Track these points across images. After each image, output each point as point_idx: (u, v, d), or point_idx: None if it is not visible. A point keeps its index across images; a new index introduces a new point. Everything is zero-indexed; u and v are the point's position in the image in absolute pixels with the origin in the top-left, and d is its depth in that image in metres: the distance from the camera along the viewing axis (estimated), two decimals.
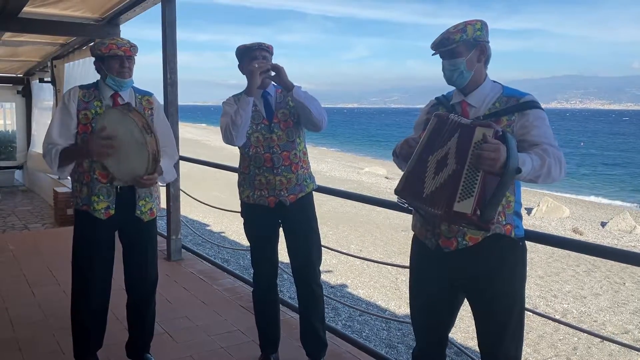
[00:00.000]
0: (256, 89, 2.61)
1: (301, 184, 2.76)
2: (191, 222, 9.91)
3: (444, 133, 1.80)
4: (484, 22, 1.94)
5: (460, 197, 1.72)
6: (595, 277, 8.83)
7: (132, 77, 2.66)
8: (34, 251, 5.46)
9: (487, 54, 1.95)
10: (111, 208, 2.63)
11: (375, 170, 24.16)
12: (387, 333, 5.84)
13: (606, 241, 12.17)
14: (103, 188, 2.60)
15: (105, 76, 2.61)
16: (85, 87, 2.68)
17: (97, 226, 2.63)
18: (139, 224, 2.71)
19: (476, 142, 1.71)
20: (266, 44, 2.71)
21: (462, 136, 1.75)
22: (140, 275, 2.81)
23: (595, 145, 50.64)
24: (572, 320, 6.89)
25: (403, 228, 11.28)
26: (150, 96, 2.80)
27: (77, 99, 2.60)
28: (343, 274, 8.02)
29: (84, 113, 2.59)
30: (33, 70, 9.72)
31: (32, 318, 3.70)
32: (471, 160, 1.71)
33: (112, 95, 2.64)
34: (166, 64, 4.93)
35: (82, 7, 5.52)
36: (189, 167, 5.84)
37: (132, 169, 2.47)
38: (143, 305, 2.86)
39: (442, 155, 1.78)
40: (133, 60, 2.65)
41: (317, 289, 2.88)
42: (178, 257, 5.16)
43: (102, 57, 2.58)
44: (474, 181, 1.71)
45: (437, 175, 1.78)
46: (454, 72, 1.94)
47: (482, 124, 1.73)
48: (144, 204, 2.70)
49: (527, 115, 1.87)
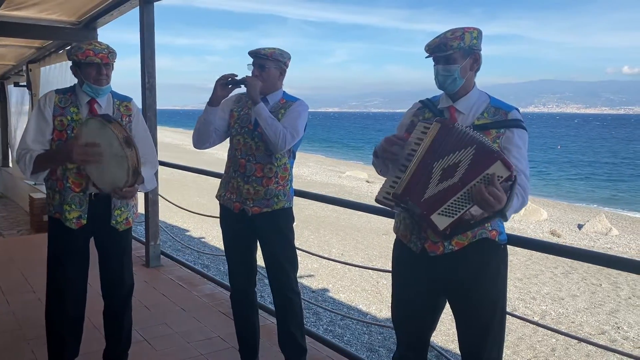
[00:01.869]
0: (217, 99, 2.62)
1: (270, 199, 2.69)
2: (170, 228, 9.81)
3: (453, 141, 1.77)
4: (480, 31, 1.95)
5: (443, 212, 1.75)
6: (573, 279, 8.97)
7: (110, 83, 2.59)
8: (8, 258, 5.34)
9: (479, 63, 1.98)
10: (83, 218, 2.56)
11: (357, 174, 24.22)
12: (368, 337, 5.84)
13: (583, 243, 12.37)
14: (75, 197, 2.53)
15: (82, 82, 2.54)
16: (61, 91, 2.60)
17: (69, 235, 2.57)
18: (114, 233, 2.65)
19: (487, 175, 1.71)
20: (263, 51, 2.66)
21: (479, 157, 1.73)
22: (115, 283, 2.75)
23: (572, 148, 51.52)
24: (551, 321, 6.98)
25: (384, 231, 11.31)
26: (129, 102, 2.73)
27: (53, 104, 2.52)
28: (324, 279, 8.01)
29: (60, 119, 2.52)
30: (8, 74, 9.55)
31: (7, 327, 3.62)
32: (472, 188, 1.72)
33: (89, 101, 2.57)
34: (144, 67, 4.88)
35: (59, 10, 5.44)
36: (169, 172, 5.79)
37: (112, 179, 2.41)
38: (119, 313, 2.81)
39: (451, 164, 1.76)
40: (111, 67, 2.56)
41: (294, 296, 2.86)
42: (157, 264, 5.09)
43: (78, 63, 2.50)
44: (462, 205, 1.74)
45: (441, 183, 1.77)
46: (447, 78, 1.95)
47: (504, 161, 1.71)
48: (119, 213, 2.64)
49: (514, 133, 1.92)
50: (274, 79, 2.71)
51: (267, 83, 2.68)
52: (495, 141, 1.90)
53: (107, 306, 2.81)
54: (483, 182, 1.71)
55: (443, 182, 1.77)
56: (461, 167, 1.75)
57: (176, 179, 16.58)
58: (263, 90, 2.67)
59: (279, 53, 2.68)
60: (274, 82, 2.72)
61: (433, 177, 1.78)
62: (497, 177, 1.70)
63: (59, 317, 2.67)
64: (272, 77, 2.70)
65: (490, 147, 1.75)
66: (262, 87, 2.64)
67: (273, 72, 2.69)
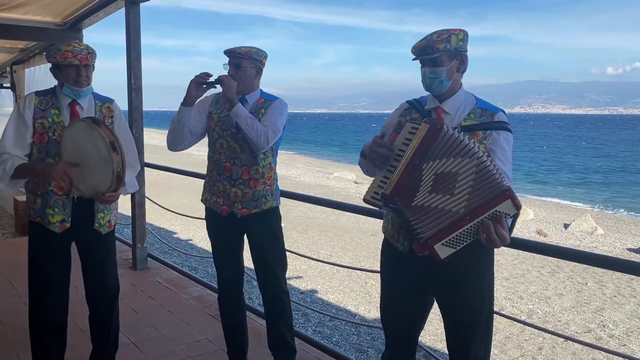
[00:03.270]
0: (191, 99, 2.58)
1: (258, 200, 2.69)
2: (157, 230, 9.74)
3: (444, 144, 1.76)
4: (466, 32, 1.96)
5: (447, 243, 1.76)
6: (559, 278, 9.04)
7: (91, 84, 2.53)
8: None
9: (465, 64, 1.99)
10: (67, 221, 2.52)
11: (345, 175, 24.25)
12: (357, 338, 5.84)
13: (569, 242, 12.49)
14: (58, 200, 2.49)
15: (62, 84, 2.48)
16: (41, 93, 2.54)
17: (51, 239, 2.52)
18: (96, 237, 2.62)
19: (497, 212, 1.72)
20: (239, 50, 2.63)
21: (487, 186, 1.72)
22: (99, 287, 2.71)
23: (557, 148, 52.03)
24: (537, 320, 7.03)
25: (372, 232, 11.33)
26: (111, 103, 2.67)
27: (33, 107, 2.47)
28: (313, 280, 8.00)
29: (40, 122, 2.46)
30: None
31: None
32: (480, 222, 1.73)
33: (70, 103, 2.51)
34: (130, 69, 4.84)
35: (43, 12, 5.39)
36: (155, 173, 5.75)
37: (95, 184, 2.36)
38: (104, 317, 2.77)
39: (445, 171, 1.76)
40: (91, 68, 2.51)
41: (283, 295, 2.85)
42: (144, 266, 5.06)
43: (57, 65, 2.44)
44: (467, 238, 1.76)
45: (437, 193, 1.76)
46: (434, 81, 1.96)
47: (515, 200, 1.73)
48: (102, 216, 2.61)
49: (500, 135, 1.93)
50: (250, 78, 2.68)
51: (243, 83, 2.65)
52: (482, 142, 1.91)
53: (92, 310, 2.77)
54: (491, 219, 1.72)
55: (440, 195, 1.76)
56: (461, 184, 1.74)
57: (163, 180, 16.47)
58: (240, 90, 2.65)
59: (255, 52, 2.65)
60: (250, 82, 2.69)
61: (425, 181, 1.78)
62: (504, 215, 1.72)
63: (42, 321, 2.62)
64: (248, 76, 2.67)
65: (505, 186, 1.73)
66: (238, 86, 2.61)
67: (249, 72, 2.67)
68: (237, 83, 2.59)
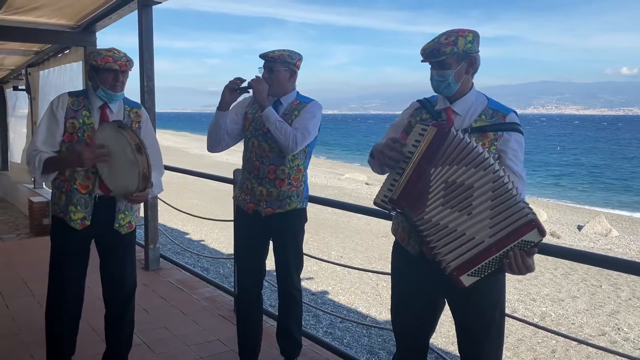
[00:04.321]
0: (225, 104, 2.67)
1: (283, 200, 2.73)
2: (170, 231, 9.80)
3: (452, 150, 1.75)
4: (476, 33, 1.94)
5: (472, 273, 1.74)
6: (573, 280, 8.96)
7: (124, 90, 2.62)
8: (7, 262, 5.34)
9: (475, 66, 1.96)
10: (87, 219, 2.59)
11: (356, 176, 24.22)
12: (368, 339, 5.83)
13: (583, 244, 12.36)
14: (81, 198, 2.57)
15: (97, 87, 2.56)
16: (74, 94, 2.63)
17: (72, 235, 2.60)
18: (116, 236, 2.68)
19: (523, 241, 1.70)
20: (272, 53, 2.68)
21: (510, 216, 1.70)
22: (116, 286, 2.76)
23: (572, 149, 51.54)
24: (551, 323, 6.97)
25: (384, 234, 11.31)
26: (140, 108, 2.77)
27: (66, 107, 2.56)
28: (324, 281, 8.00)
29: (71, 122, 2.55)
30: (7, 78, 9.56)
31: (6, 331, 3.61)
32: (506, 252, 1.71)
33: (101, 106, 2.60)
34: (143, 71, 4.88)
35: (58, 15, 5.45)
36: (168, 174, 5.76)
37: (124, 184, 2.46)
38: (119, 317, 2.81)
39: (457, 181, 1.74)
40: (127, 75, 2.60)
41: (296, 293, 2.95)
42: (156, 267, 5.09)
43: (96, 67, 2.52)
44: (492, 267, 1.74)
45: (453, 210, 1.74)
46: (441, 83, 1.95)
47: (541, 228, 1.71)
48: (123, 217, 2.67)
49: (511, 136, 1.92)
50: (283, 81, 2.73)
51: (277, 85, 2.71)
52: (493, 144, 1.89)
53: (107, 309, 2.81)
54: (517, 248, 1.71)
55: (456, 213, 1.73)
56: (479, 202, 1.72)
57: (176, 181, 16.56)
58: (275, 93, 2.72)
59: (288, 55, 2.70)
60: (283, 84, 2.74)
61: (434, 189, 1.76)
62: (530, 244, 1.71)
63: (58, 314, 2.70)
64: (281, 79, 2.72)
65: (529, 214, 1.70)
66: (272, 89, 2.68)
67: (282, 74, 2.71)
68: (267, 86, 2.65)
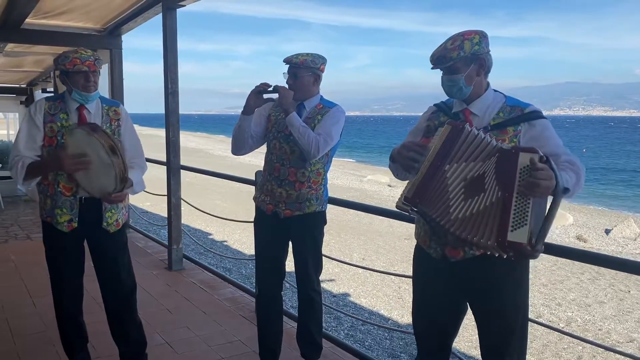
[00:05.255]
0: (250, 108, 2.69)
1: (302, 202, 2.74)
2: (193, 231, 9.89)
3: (467, 146, 1.74)
4: (483, 34, 1.91)
5: (514, 226, 1.66)
6: (600, 285, 8.78)
7: (98, 89, 2.64)
8: (35, 261, 5.42)
9: (486, 66, 1.93)
10: (74, 221, 2.62)
11: (378, 178, 24.13)
12: (389, 342, 5.80)
13: (610, 249, 12.11)
14: (66, 201, 2.59)
15: (71, 90, 2.59)
16: (51, 99, 2.67)
17: (61, 238, 2.65)
18: (105, 235, 2.70)
19: (523, 168, 1.66)
20: (295, 59, 2.68)
21: (503, 161, 1.69)
22: (112, 284, 2.79)
23: (598, 152, 50.54)
24: (577, 328, 6.84)
25: (406, 236, 11.24)
26: (118, 106, 2.78)
27: (43, 112, 2.58)
28: (345, 283, 7.98)
29: (50, 126, 2.58)
30: (36, 80, 9.78)
31: (32, 329, 3.69)
32: (520, 187, 1.66)
33: (78, 107, 2.62)
34: (167, 73, 4.94)
35: (84, 18, 5.56)
36: (191, 175, 5.83)
37: (101, 186, 2.48)
38: (119, 313, 2.83)
39: (475, 175, 1.72)
40: (98, 74, 2.61)
41: (315, 295, 2.94)
42: (179, 267, 5.14)
43: (66, 72, 2.56)
44: (525, 209, 1.66)
45: (473, 199, 1.71)
46: (452, 87, 1.94)
47: (525, 149, 1.68)
48: (110, 215, 2.69)
49: (535, 126, 1.87)
50: (308, 86, 2.74)
51: (301, 90, 2.73)
52: (512, 140, 1.86)
53: (106, 307, 2.84)
54: (526, 176, 1.66)
55: (475, 198, 1.71)
56: (489, 178, 1.70)
57: (198, 182, 16.72)
58: (298, 97, 2.73)
59: (311, 60, 2.70)
60: (308, 89, 2.75)
61: (454, 187, 1.73)
62: (530, 162, 1.64)
63: (61, 317, 2.78)
64: (305, 84, 2.73)
65: (508, 147, 1.72)
66: (296, 94, 2.69)
67: (307, 79, 2.72)
68: (293, 92, 2.66)
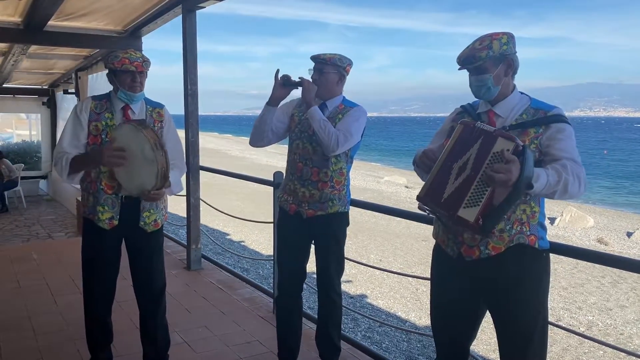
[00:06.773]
0: (275, 99, 2.71)
1: (324, 202, 2.74)
2: (211, 232, 9.95)
3: (469, 140, 1.78)
4: (511, 35, 1.92)
5: (467, 204, 1.73)
6: (622, 289, 8.63)
7: (144, 90, 2.68)
8: (57, 260, 5.53)
9: (514, 67, 1.94)
10: (115, 219, 2.66)
11: (395, 179, 24.03)
12: (407, 344, 5.77)
13: (632, 252, 11.90)
14: (108, 199, 2.63)
15: (117, 89, 2.64)
16: (97, 98, 2.72)
17: (101, 234, 2.68)
18: (143, 234, 2.74)
19: (494, 153, 1.70)
20: (323, 56, 2.71)
21: (483, 143, 1.75)
22: (145, 284, 2.83)
23: (619, 153, 49.70)
24: (598, 332, 6.74)
25: (423, 237, 11.18)
26: (161, 108, 2.82)
27: (89, 110, 2.64)
28: (363, 284, 7.97)
29: (95, 124, 2.63)
30: (58, 82, 9.91)
31: (54, 327, 3.75)
32: (485, 172, 1.70)
33: (123, 107, 2.68)
34: (187, 75, 4.98)
35: (106, 20, 5.63)
36: (210, 176, 5.85)
37: (141, 183, 2.50)
38: (150, 313, 2.87)
39: (465, 161, 1.77)
40: (145, 75, 2.66)
41: (336, 297, 2.93)
42: (198, 267, 5.18)
43: (114, 70, 2.61)
44: (482, 191, 1.72)
45: (457, 180, 1.77)
46: (481, 88, 1.94)
47: (505, 135, 1.72)
48: (148, 215, 2.72)
49: (551, 127, 1.87)
50: (332, 84, 2.75)
51: (325, 88, 2.74)
52: (533, 142, 1.86)
53: (139, 306, 2.88)
54: (494, 162, 1.70)
55: (458, 179, 1.77)
56: (471, 158, 1.76)
57: (217, 183, 16.82)
58: (321, 95, 2.74)
59: (338, 58, 2.72)
60: (332, 88, 2.76)
61: (450, 177, 1.79)
62: (505, 151, 1.68)
63: (90, 309, 2.79)
64: (330, 82, 2.74)
65: (491, 130, 1.75)
66: (320, 91, 2.70)
67: (331, 77, 2.73)
68: (317, 87, 2.69)
